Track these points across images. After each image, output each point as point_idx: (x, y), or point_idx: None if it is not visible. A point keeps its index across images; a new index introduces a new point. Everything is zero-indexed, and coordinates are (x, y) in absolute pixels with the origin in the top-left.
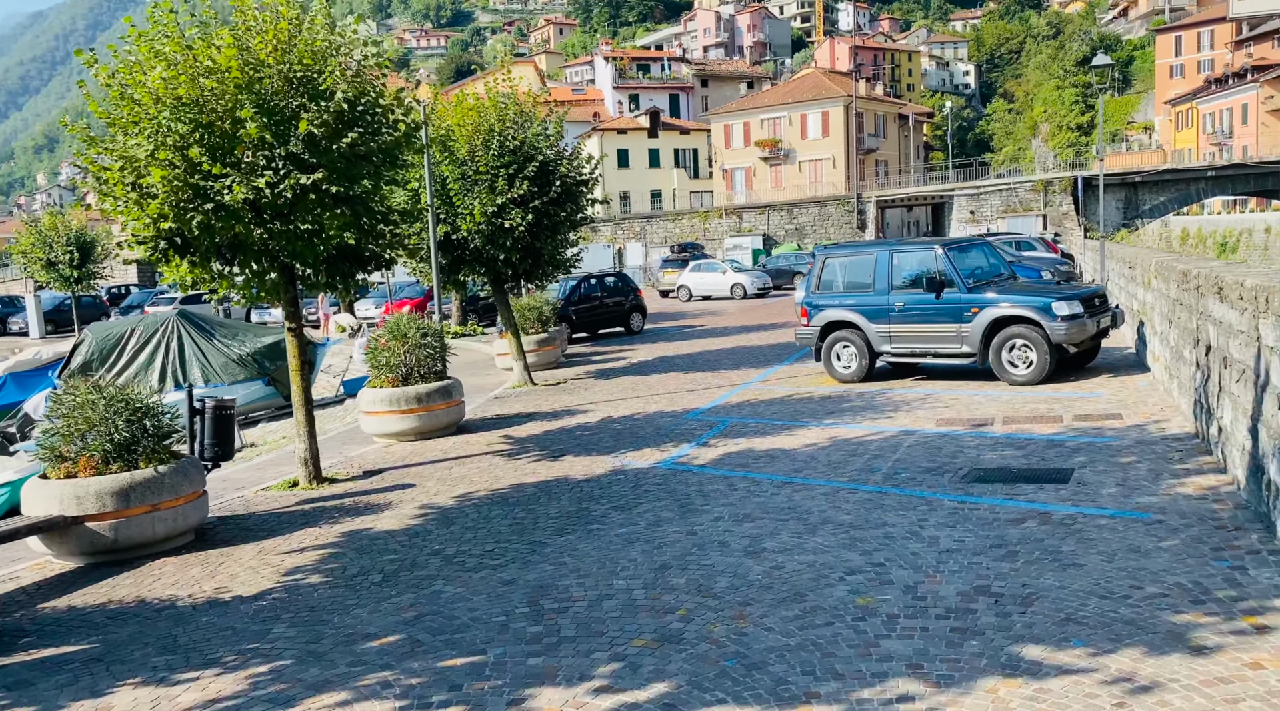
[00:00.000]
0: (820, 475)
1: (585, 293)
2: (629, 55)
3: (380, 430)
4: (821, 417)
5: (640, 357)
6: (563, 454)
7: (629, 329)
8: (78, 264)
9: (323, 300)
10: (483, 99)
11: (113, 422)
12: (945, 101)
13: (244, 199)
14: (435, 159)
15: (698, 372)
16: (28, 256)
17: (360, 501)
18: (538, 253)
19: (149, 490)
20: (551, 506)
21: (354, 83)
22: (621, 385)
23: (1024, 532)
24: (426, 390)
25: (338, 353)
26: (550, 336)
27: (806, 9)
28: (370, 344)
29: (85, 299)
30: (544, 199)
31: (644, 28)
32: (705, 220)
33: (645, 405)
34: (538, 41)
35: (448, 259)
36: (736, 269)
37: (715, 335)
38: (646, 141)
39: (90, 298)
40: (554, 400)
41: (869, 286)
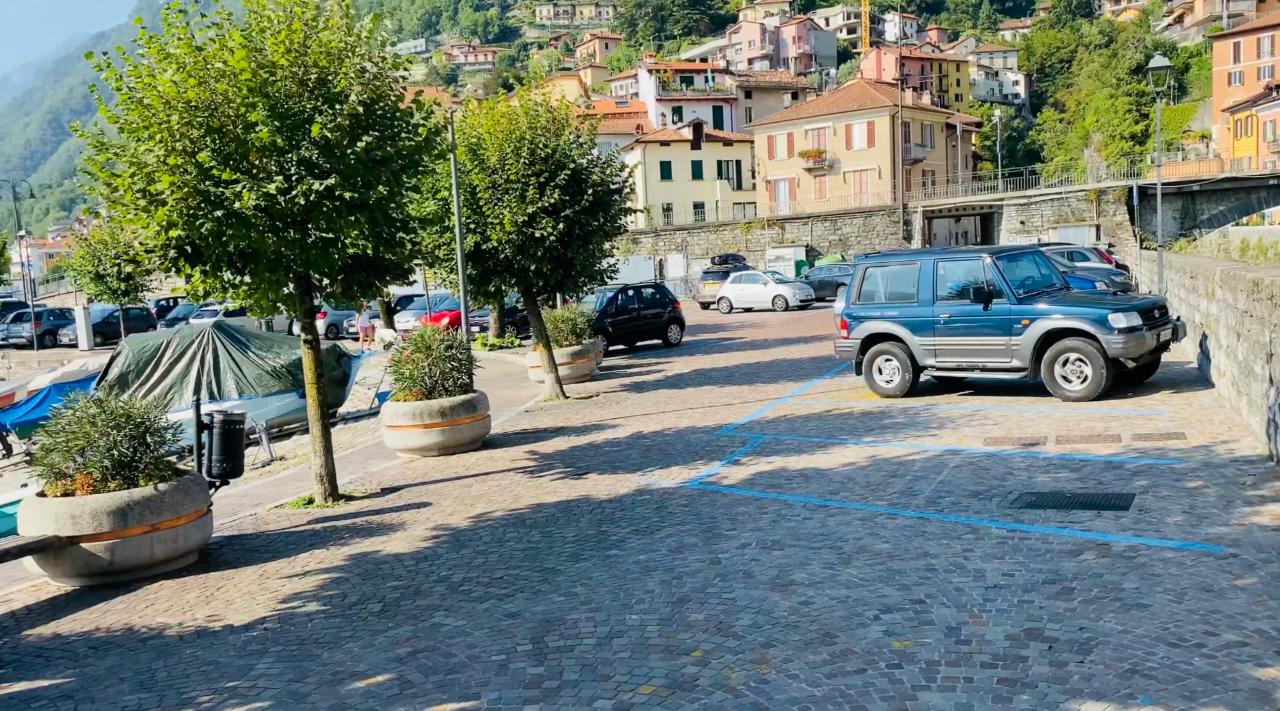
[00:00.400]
0: (857, 498)
1: (622, 304)
2: (672, 68)
3: (403, 445)
4: (860, 435)
5: (676, 370)
6: (587, 471)
7: (667, 341)
8: (125, 277)
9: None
10: (514, 106)
11: (112, 438)
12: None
13: (256, 206)
14: (465, 167)
15: (734, 386)
16: (78, 270)
17: (373, 521)
18: (569, 263)
19: (147, 509)
20: (569, 529)
21: (370, 85)
22: (655, 399)
23: (1081, 566)
24: (450, 404)
25: (374, 365)
26: (584, 349)
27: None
28: (394, 356)
29: (133, 311)
30: (575, 208)
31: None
32: (747, 231)
33: (677, 420)
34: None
35: (478, 269)
36: (778, 280)
37: (754, 348)
38: (689, 153)
39: (138, 310)
40: (584, 414)
41: (913, 297)
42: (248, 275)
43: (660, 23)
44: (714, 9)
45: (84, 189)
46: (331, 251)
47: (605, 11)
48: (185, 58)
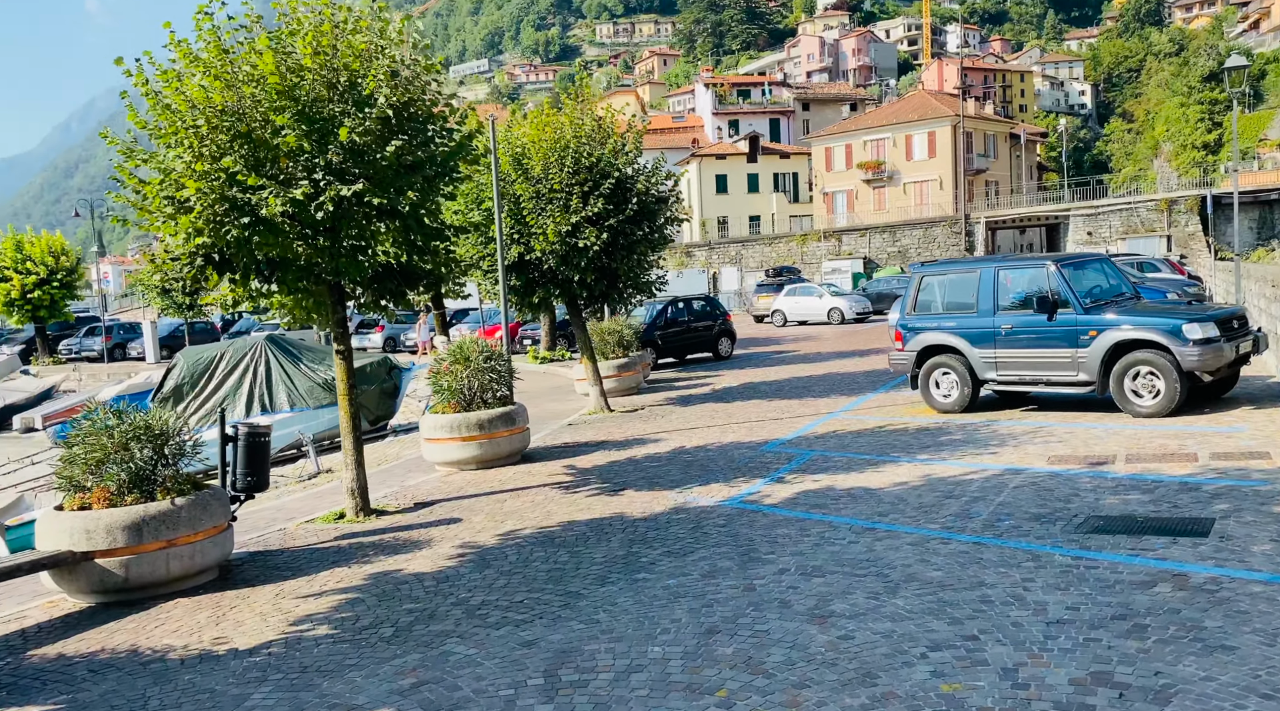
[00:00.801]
0: (908, 520)
1: (672, 316)
2: (729, 81)
3: (441, 458)
4: (914, 452)
5: (725, 384)
6: (624, 488)
7: (717, 354)
8: (190, 291)
9: (421, 324)
10: (560, 115)
11: (129, 450)
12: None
13: (284, 212)
14: (509, 177)
15: (783, 400)
16: (145, 285)
17: (400, 538)
18: (614, 273)
19: (163, 524)
20: (599, 549)
21: (400, 88)
22: (700, 413)
23: (1155, 600)
24: (488, 417)
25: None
26: (631, 361)
27: (913, 32)
28: (433, 367)
29: (199, 325)
30: (619, 217)
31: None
32: (803, 243)
33: (722, 435)
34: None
35: (522, 280)
36: (834, 293)
37: (807, 361)
38: (745, 166)
39: (204, 324)
40: (627, 428)
41: (972, 307)
42: (274, 283)
43: (719, 38)
44: (773, 24)
45: (110, 196)
46: (362, 259)
47: (664, 28)
48: (213, 61)
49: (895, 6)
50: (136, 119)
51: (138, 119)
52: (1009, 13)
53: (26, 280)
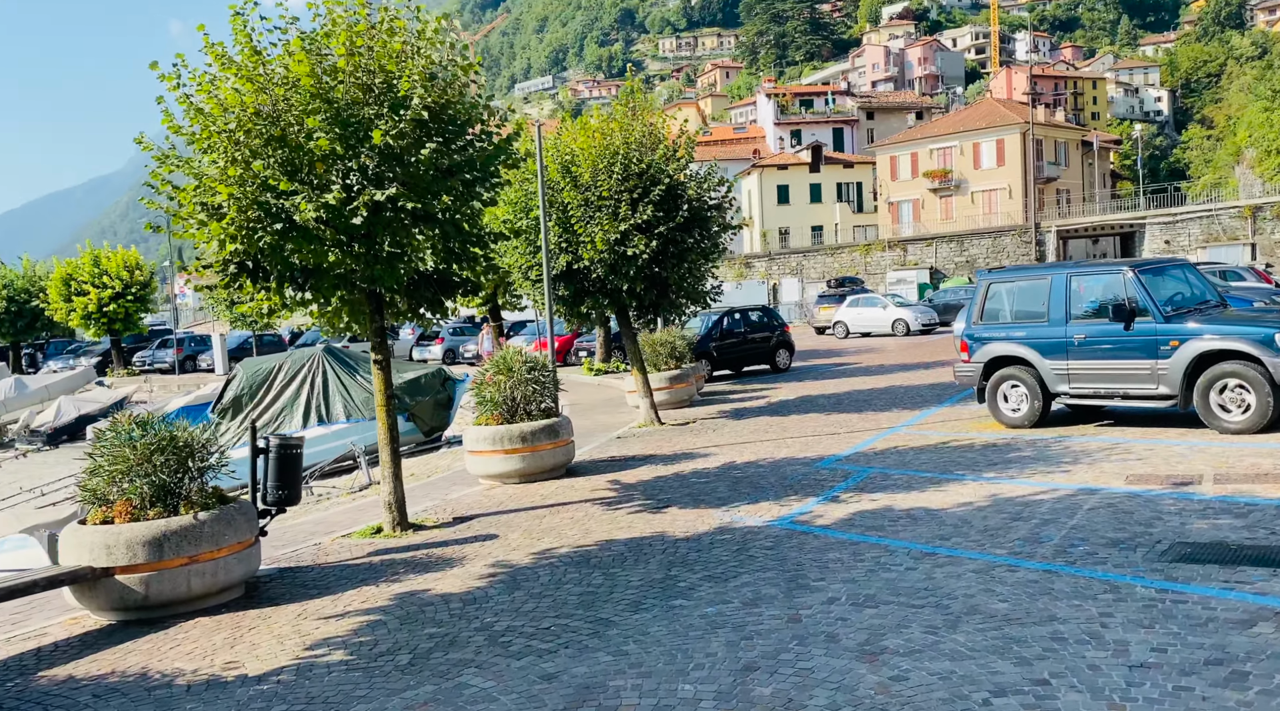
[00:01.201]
0: (972, 545)
1: (728, 328)
2: (791, 91)
3: (484, 471)
4: (981, 470)
5: (781, 397)
6: (667, 505)
7: (775, 366)
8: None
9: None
10: (609, 121)
11: (152, 463)
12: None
13: (317, 218)
14: (558, 185)
15: (842, 414)
16: (214, 298)
17: (434, 555)
18: (664, 283)
19: (185, 540)
20: (635, 571)
21: (436, 89)
22: (754, 427)
23: (1255, 642)
24: (532, 429)
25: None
26: (683, 373)
27: (981, 40)
28: (476, 378)
29: (266, 337)
30: (669, 224)
31: (810, 66)
32: (867, 253)
33: (775, 450)
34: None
35: (570, 290)
36: (899, 303)
37: (868, 373)
38: (808, 176)
39: (272, 336)
40: (676, 442)
41: (1042, 316)
42: (309, 291)
43: (782, 49)
44: (837, 34)
45: (144, 202)
46: (398, 266)
47: (727, 41)
48: (245, 63)
49: (962, 15)
50: (170, 124)
51: (171, 124)
52: (1080, 19)
53: (103, 294)
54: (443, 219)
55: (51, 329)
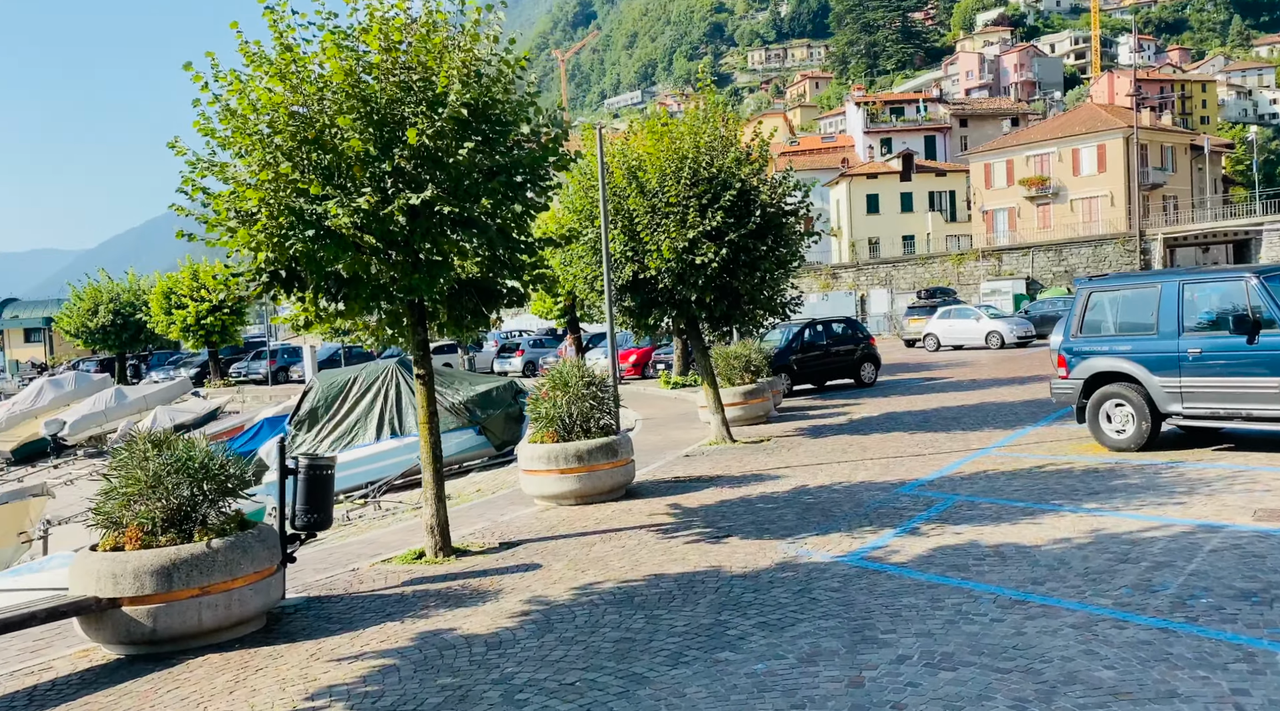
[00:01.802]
0: (1071, 592)
1: (809, 340)
2: (881, 99)
3: (538, 491)
4: (1081, 499)
5: (864, 413)
6: (728, 534)
7: (859, 380)
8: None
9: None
10: (678, 123)
11: (165, 485)
12: (1248, 131)
13: (353, 223)
14: (623, 192)
15: (928, 433)
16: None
17: (470, 586)
18: (736, 293)
19: (195, 569)
20: (682, 614)
21: (475, 85)
22: (832, 446)
23: None
24: (588, 448)
25: None
26: (759, 388)
27: (1081, 45)
28: (532, 393)
29: (355, 348)
30: (741, 231)
31: (902, 75)
32: (959, 263)
33: (852, 473)
34: (793, 97)
35: (636, 301)
36: (993, 315)
37: (959, 389)
38: (898, 185)
39: (359, 347)
40: (747, 462)
41: (1151, 328)
42: (342, 302)
43: (873, 59)
44: (929, 42)
45: (173, 208)
46: (438, 275)
47: (817, 52)
48: (278, 60)
49: (1061, 19)
50: (201, 126)
51: (203, 126)
52: (1188, 21)
53: (200, 307)
54: (488, 224)
55: (154, 341)
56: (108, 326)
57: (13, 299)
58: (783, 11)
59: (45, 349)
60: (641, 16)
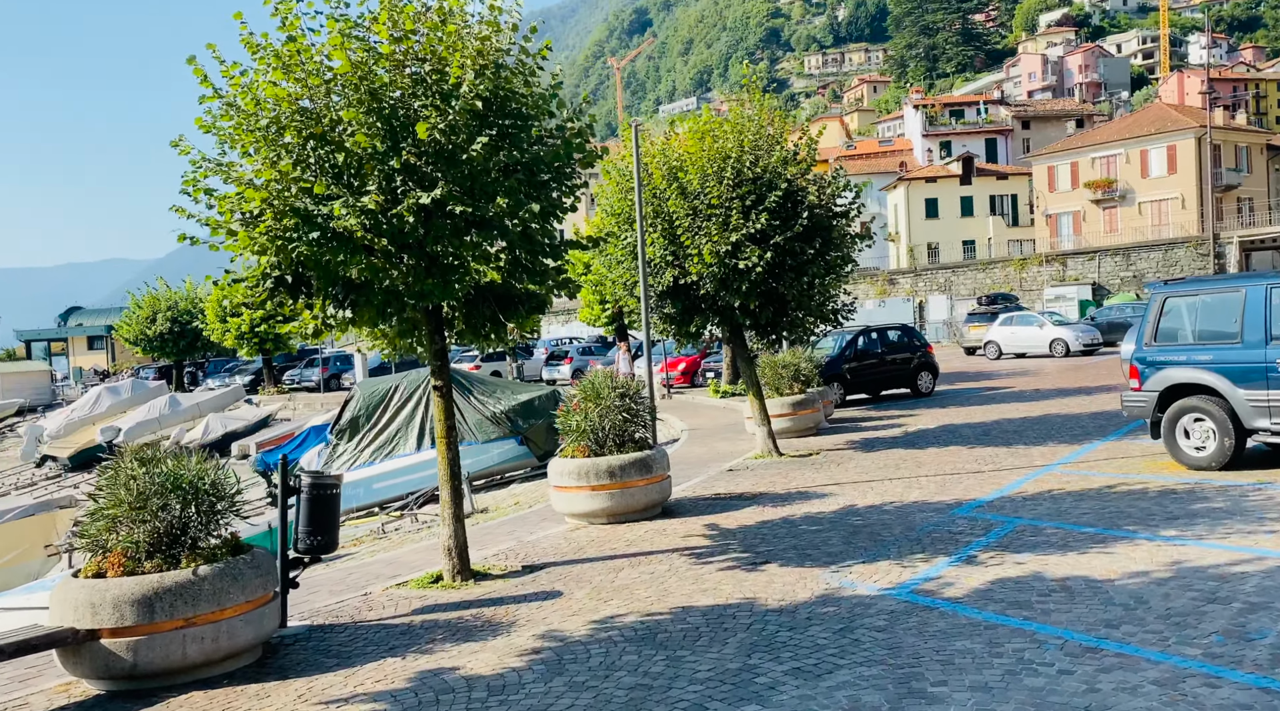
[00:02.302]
0: (1152, 639)
1: (863, 348)
2: (941, 102)
3: (569, 509)
4: (1157, 526)
5: (920, 425)
6: (767, 560)
7: (916, 390)
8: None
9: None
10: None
11: (152, 506)
12: None
13: (360, 224)
14: (663, 194)
15: (988, 448)
16: None
17: (482, 617)
18: (782, 299)
19: (180, 598)
20: (707, 656)
21: (494, 76)
22: (884, 461)
23: None
24: (621, 463)
25: None
26: (808, 399)
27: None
28: (563, 405)
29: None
30: (786, 234)
31: (962, 78)
32: (1022, 269)
33: (905, 491)
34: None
35: (676, 307)
36: (1057, 322)
37: (1021, 399)
38: (958, 189)
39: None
40: (792, 478)
41: (1234, 336)
42: (350, 309)
43: (932, 62)
44: (990, 44)
45: (175, 210)
46: (452, 280)
47: (875, 56)
48: (282, 50)
49: (1127, 19)
50: (203, 123)
51: (204, 123)
52: (1262, 19)
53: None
54: (510, 227)
55: (210, 349)
56: (165, 334)
57: (77, 307)
58: (840, 15)
59: (107, 356)
60: (697, 23)
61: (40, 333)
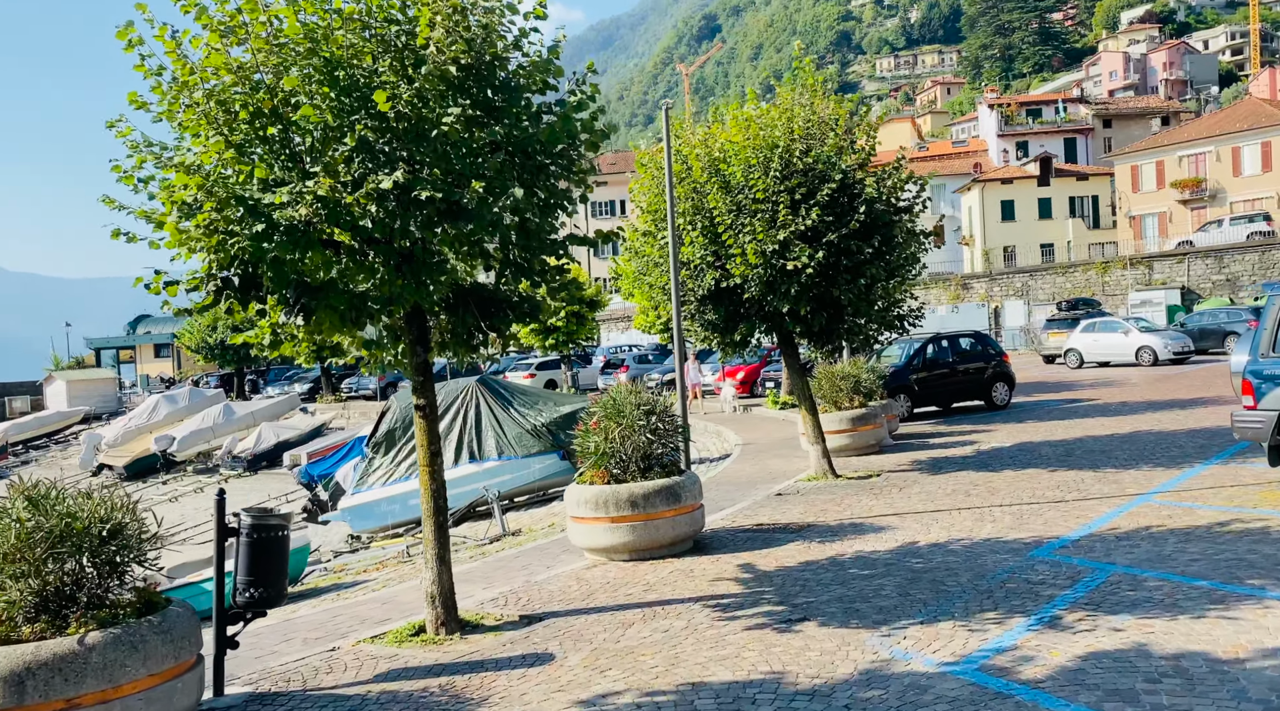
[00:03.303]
0: None
1: (933, 357)
2: (1017, 101)
3: (586, 543)
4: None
5: (995, 442)
6: (805, 616)
7: (990, 402)
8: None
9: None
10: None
11: (33, 558)
12: None
13: (313, 214)
14: (704, 188)
15: (1071, 471)
16: None
17: (450, 689)
18: (836, 303)
19: (59, 674)
20: None
21: (472, 36)
22: (953, 486)
23: None
24: (644, 491)
25: None
26: (869, 413)
27: (1238, 40)
28: (581, 422)
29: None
30: (841, 231)
31: (1039, 78)
32: (1104, 272)
33: (975, 524)
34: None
35: (719, 313)
36: (1144, 328)
37: (1107, 413)
38: (1035, 190)
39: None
40: (847, 505)
41: None
42: (301, 316)
43: (1007, 62)
44: (1068, 43)
45: (105, 201)
46: (427, 281)
47: (948, 58)
48: (218, 9)
49: (1215, 14)
50: (137, 99)
51: (138, 99)
52: None
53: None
54: (495, 216)
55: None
56: (225, 341)
57: (145, 315)
58: (912, 17)
59: (173, 364)
60: (766, 28)
61: (110, 341)
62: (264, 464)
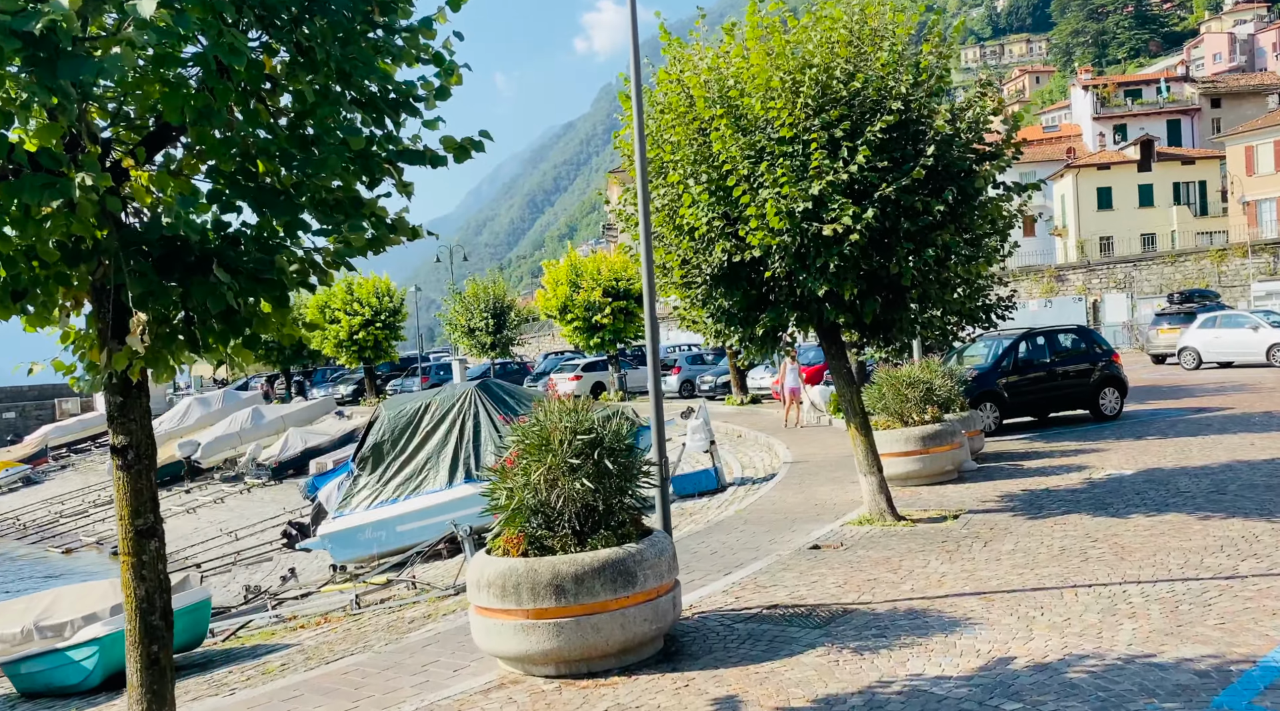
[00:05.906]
0: None
1: (1025, 357)
2: (1114, 81)
3: (491, 646)
4: None
5: (1111, 467)
6: None
7: (1098, 412)
8: (493, 330)
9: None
10: (801, 21)
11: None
12: None
13: None
14: (708, 126)
15: (1234, 519)
16: (451, 325)
17: None
18: (896, 284)
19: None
20: None
21: None
22: (1062, 539)
23: None
24: (575, 569)
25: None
26: (945, 430)
27: None
28: (498, 461)
29: (508, 365)
30: (901, 182)
31: (1135, 64)
32: (1220, 261)
33: (1105, 620)
34: (1011, 93)
35: (735, 298)
36: (1275, 323)
37: (1251, 427)
38: (1135, 176)
39: (515, 364)
40: (906, 572)
41: None
42: None
43: (1101, 48)
44: (1167, 26)
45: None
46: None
47: (1037, 46)
48: None
49: None
50: None
51: None
52: None
53: (353, 321)
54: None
55: (315, 358)
56: (270, 342)
57: None
58: (999, 6)
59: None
60: None
61: None
62: (289, 472)
